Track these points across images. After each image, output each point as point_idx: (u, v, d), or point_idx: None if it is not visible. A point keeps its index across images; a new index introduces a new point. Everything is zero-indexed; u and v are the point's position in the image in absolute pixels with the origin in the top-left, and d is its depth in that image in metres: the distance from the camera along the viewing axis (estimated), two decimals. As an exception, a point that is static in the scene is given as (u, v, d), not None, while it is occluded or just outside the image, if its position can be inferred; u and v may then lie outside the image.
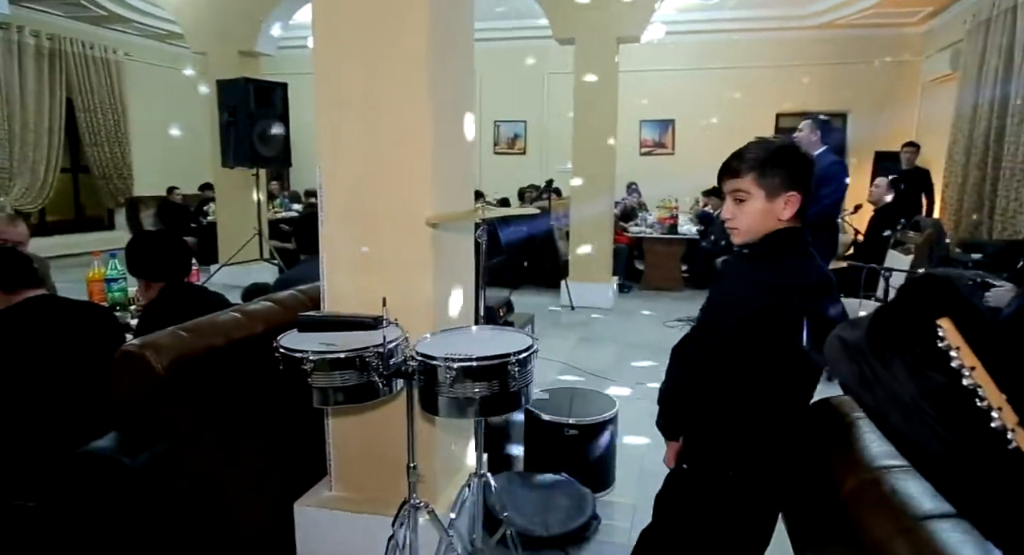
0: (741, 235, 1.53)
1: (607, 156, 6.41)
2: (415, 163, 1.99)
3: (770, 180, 1.47)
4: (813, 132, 4.07)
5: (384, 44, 1.97)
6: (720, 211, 6.37)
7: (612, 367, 4.66)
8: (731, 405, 1.49)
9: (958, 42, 7.75)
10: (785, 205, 1.48)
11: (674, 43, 9.58)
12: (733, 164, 1.52)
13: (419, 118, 1.98)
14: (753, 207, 1.49)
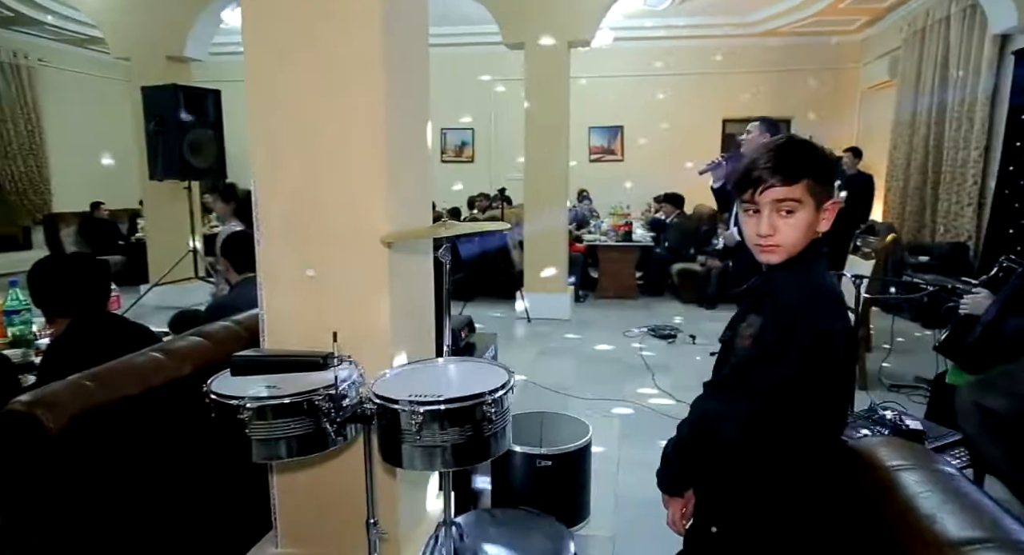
0: (781, 254, 1.28)
1: (560, 163, 6.26)
2: (368, 175, 1.75)
3: (823, 187, 1.26)
4: (763, 135, 3.98)
5: (331, 41, 1.72)
6: (672, 217, 6.26)
7: (575, 382, 4.47)
8: (778, 452, 1.29)
9: (895, 50, 7.95)
10: (824, 216, 1.28)
11: (621, 49, 9.57)
12: (782, 168, 1.24)
13: (372, 124, 1.73)
14: (802, 220, 1.25)
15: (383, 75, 1.71)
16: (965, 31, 6.39)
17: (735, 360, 1.30)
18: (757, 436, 1.29)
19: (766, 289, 1.32)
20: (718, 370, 1.45)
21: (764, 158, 1.27)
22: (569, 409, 3.94)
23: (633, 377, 4.59)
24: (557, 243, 6.37)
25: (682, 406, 4.00)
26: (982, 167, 6.03)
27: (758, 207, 1.28)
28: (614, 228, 7.58)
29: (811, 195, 1.24)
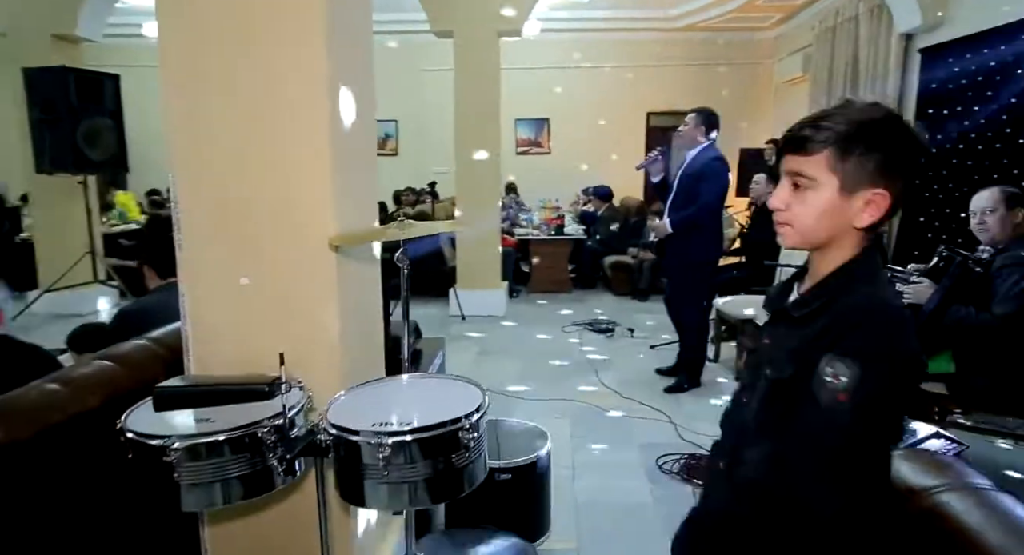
0: (792, 238, 1.07)
1: (491, 156, 6.08)
2: (311, 168, 1.52)
3: (853, 165, 1.00)
4: (699, 126, 3.95)
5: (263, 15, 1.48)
6: (602, 210, 6.20)
7: (519, 382, 4.33)
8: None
9: (808, 47, 8.22)
10: (865, 206, 1.02)
11: (547, 41, 9.47)
12: (802, 132, 1.04)
13: (314, 109, 1.50)
14: (817, 202, 1.03)
15: (325, 55, 1.48)
16: (873, 30, 6.65)
17: (826, 419, 0.95)
18: None
19: (843, 319, 0.99)
20: (770, 406, 1.09)
21: (805, 119, 1.08)
22: (516, 412, 3.79)
23: (576, 374, 4.49)
24: (491, 237, 6.21)
25: (629, 402, 3.95)
26: (894, 159, 6.30)
27: (782, 174, 1.09)
28: (546, 221, 7.49)
29: (833, 173, 1.01)
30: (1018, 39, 4.56)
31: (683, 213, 3.89)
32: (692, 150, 3.97)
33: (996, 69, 4.75)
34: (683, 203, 3.92)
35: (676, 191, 3.98)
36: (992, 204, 2.67)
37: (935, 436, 1.88)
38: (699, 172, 3.89)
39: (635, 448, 3.31)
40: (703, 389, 4.16)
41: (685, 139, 4.00)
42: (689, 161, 3.97)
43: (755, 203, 5.13)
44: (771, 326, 1.22)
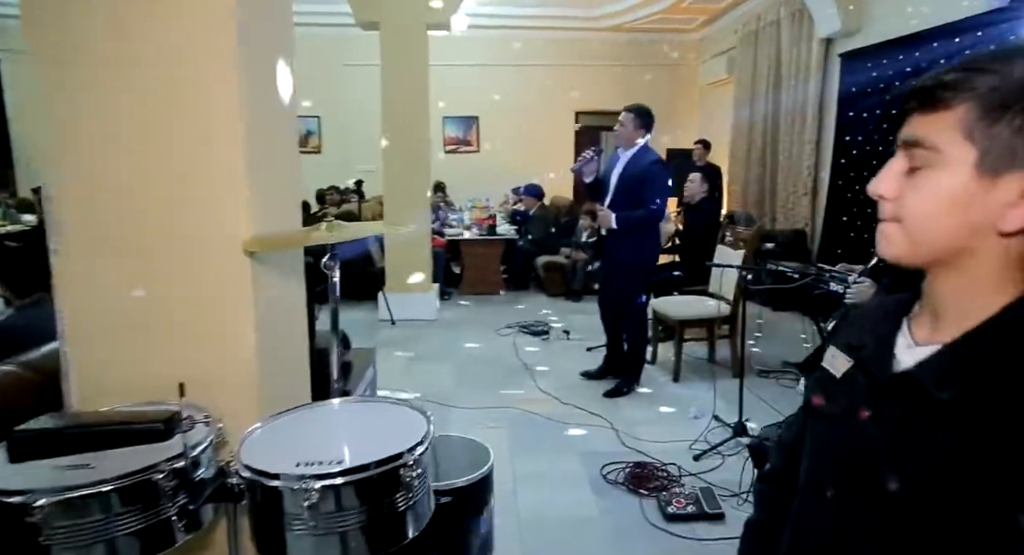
0: (896, 244, 0.70)
1: (420, 154, 5.86)
2: (220, 162, 1.29)
3: (1003, 131, 0.62)
4: (635, 126, 3.88)
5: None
6: (533, 210, 6.08)
7: (453, 390, 4.14)
8: None
9: (732, 49, 8.41)
10: (1021, 200, 0.62)
11: (475, 37, 9.29)
12: (940, 78, 0.65)
13: (225, 92, 1.27)
14: (940, 182, 0.65)
15: (234, 28, 1.26)
16: (794, 34, 6.84)
17: None
18: None
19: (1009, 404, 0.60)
20: (897, 536, 0.68)
21: (941, 69, 0.67)
22: (451, 421, 3.61)
23: (512, 379, 4.34)
24: (421, 238, 5.98)
25: (568, 409, 3.82)
26: (815, 159, 6.49)
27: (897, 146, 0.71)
28: (477, 222, 7.31)
29: (970, 141, 0.63)
30: (931, 46, 4.74)
31: (631, 214, 3.80)
32: (629, 151, 3.89)
33: (912, 74, 4.92)
34: (623, 204, 3.84)
35: (615, 192, 3.90)
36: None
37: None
38: (641, 175, 3.82)
39: (577, 457, 3.19)
40: (641, 392, 4.09)
41: (623, 139, 3.92)
42: (627, 162, 3.89)
43: (688, 202, 5.14)
44: (875, 394, 0.73)
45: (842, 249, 5.78)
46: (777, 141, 7.24)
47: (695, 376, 4.36)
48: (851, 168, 5.73)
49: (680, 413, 3.75)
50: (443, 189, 9.36)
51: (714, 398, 3.68)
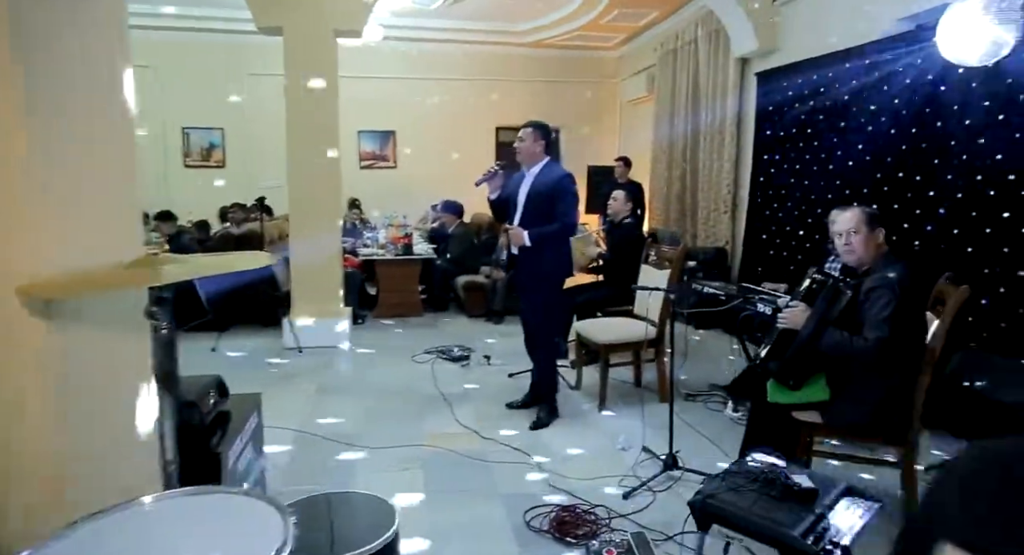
0: None
1: (329, 169, 5.47)
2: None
3: None
4: (537, 142, 3.71)
5: None
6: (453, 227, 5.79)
7: (363, 426, 3.76)
8: None
9: (651, 67, 8.45)
10: None
11: (391, 49, 8.99)
12: None
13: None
14: None
15: None
16: (712, 53, 6.90)
17: None
18: None
19: None
20: None
21: None
22: (358, 466, 3.24)
23: (429, 412, 4.01)
24: (331, 259, 5.57)
25: (489, 444, 3.52)
26: (734, 177, 6.52)
27: None
28: (393, 240, 6.95)
29: None
30: (843, 67, 4.79)
31: (544, 229, 3.62)
32: (535, 166, 3.72)
33: (825, 94, 4.98)
34: (534, 221, 3.64)
35: (524, 209, 3.70)
36: (855, 225, 2.59)
37: (846, 494, 1.66)
38: (552, 190, 3.65)
39: (499, 502, 2.89)
40: (567, 422, 3.85)
41: (526, 155, 3.73)
42: (535, 178, 3.71)
43: (613, 220, 4.98)
44: None
45: (762, 267, 5.78)
46: (697, 159, 7.27)
47: (622, 402, 4.16)
48: (770, 186, 5.76)
49: (608, 444, 3.53)
50: (358, 206, 8.94)
51: (643, 427, 3.48)
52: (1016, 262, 3.46)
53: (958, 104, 3.80)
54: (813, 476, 1.74)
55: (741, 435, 3.50)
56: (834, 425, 2.55)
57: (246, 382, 4.34)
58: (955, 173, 3.84)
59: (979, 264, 3.64)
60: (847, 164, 4.75)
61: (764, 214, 5.83)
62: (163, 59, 8.44)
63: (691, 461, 3.15)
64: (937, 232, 3.92)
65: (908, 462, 2.53)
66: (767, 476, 1.68)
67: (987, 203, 3.63)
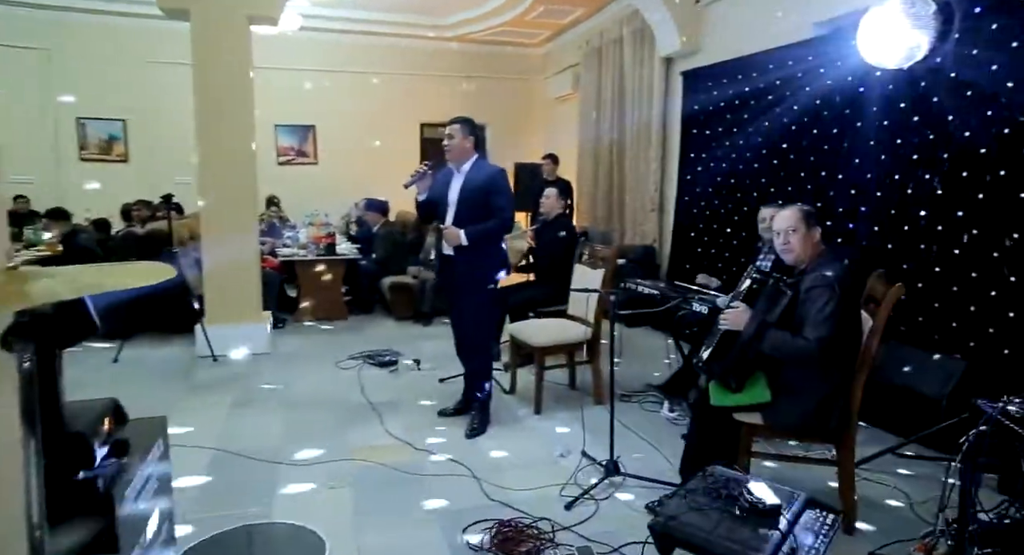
0: None
1: (244, 164, 5.11)
2: None
3: None
4: (467, 138, 3.57)
5: None
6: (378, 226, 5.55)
7: (285, 441, 3.50)
8: None
9: (576, 65, 8.43)
10: None
11: (311, 40, 8.61)
12: None
13: None
14: None
15: None
16: (637, 52, 6.93)
17: None
18: None
19: None
20: None
21: None
22: (280, 486, 2.99)
23: (356, 423, 3.79)
24: (247, 260, 5.22)
25: (421, 456, 3.33)
26: (660, 175, 6.57)
27: None
28: (314, 240, 6.62)
29: None
30: (767, 68, 4.88)
31: (482, 226, 3.48)
32: (465, 163, 3.57)
33: (749, 94, 5.05)
34: (469, 219, 3.49)
35: (459, 207, 3.54)
36: (793, 223, 2.58)
37: (807, 506, 1.60)
38: (487, 186, 3.51)
39: (435, 520, 2.72)
40: (503, 428, 3.71)
41: (456, 152, 3.57)
42: (468, 175, 3.56)
43: (545, 219, 4.89)
44: None
45: (690, 264, 5.84)
46: (624, 157, 7.29)
47: (558, 406, 4.06)
48: (697, 184, 5.82)
49: (546, 451, 3.42)
50: (276, 204, 8.51)
51: (583, 432, 3.39)
52: (931, 259, 3.59)
53: (876, 106, 3.92)
54: (773, 488, 1.68)
55: (679, 436, 3.51)
56: (776, 426, 2.53)
57: (153, 398, 4.02)
58: (875, 172, 3.95)
59: (898, 260, 3.75)
60: (772, 163, 4.84)
61: (692, 212, 5.89)
62: (60, 42, 7.75)
63: (632, 466, 3.09)
64: (859, 230, 4.03)
65: (846, 459, 2.54)
66: (728, 492, 1.60)
67: (904, 201, 3.75)
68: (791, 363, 2.46)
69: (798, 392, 2.48)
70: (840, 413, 2.47)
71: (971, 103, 3.36)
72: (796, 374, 2.49)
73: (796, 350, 2.38)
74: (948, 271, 3.50)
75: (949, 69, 3.44)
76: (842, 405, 2.47)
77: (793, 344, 2.39)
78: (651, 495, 2.85)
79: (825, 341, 2.34)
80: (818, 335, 2.35)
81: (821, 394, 2.45)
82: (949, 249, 3.49)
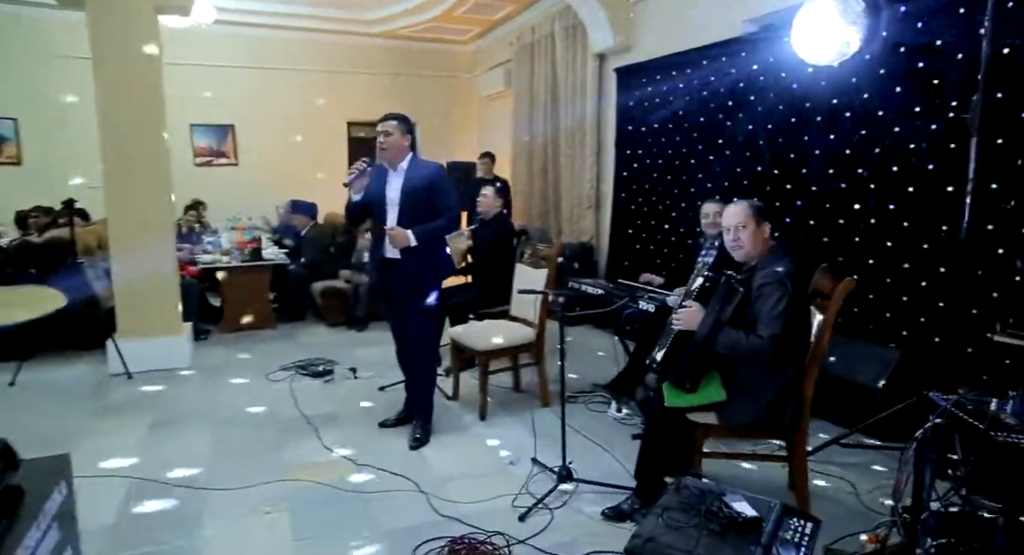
0: None
1: (156, 166, 4.74)
2: None
3: None
4: (404, 135, 3.39)
5: None
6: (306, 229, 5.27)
7: (212, 465, 3.23)
8: None
9: (508, 62, 8.33)
10: None
11: (229, 35, 8.18)
12: None
13: None
14: None
15: None
16: (569, 48, 6.88)
17: None
18: None
19: None
20: None
21: None
22: (209, 510, 2.74)
23: (291, 439, 3.54)
24: (163, 269, 4.84)
25: (364, 471, 3.14)
26: (596, 172, 6.55)
27: None
28: (238, 246, 6.25)
29: None
30: (700, 63, 4.91)
31: (429, 225, 3.31)
32: (402, 162, 3.39)
33: (683, 90, 5.07)
34: (415, 219, 3.31)
35: (402, 208, 3.36)
36: (743, 220, 2.55)
37: (784, 515, 1.53)
38: (430, 184, 3.34)
39: (383, 540, 2.55)
40: (448, 437, 3.55)
41: (394, 150, 3.38)
42: (406, 174, 3.38)
43: (483, 218, 4.75)
44: None
45: (629, 261, 5.84)
46: (559, 154, 7.24)
47: (503, 411, 3.94)
48: (633, 181, 5.82)
49: (494, 459, 3.29)
50: (198, 208, 8.01)
51: (533, 437, 3.28)
52: (866, 251, 3.67)
53: (810, 102, 3.98)
54: (749, 499, 1.60)
55: (629, 436, 3.45)
56: (731, 424, 2.49)
57: (58, 425, 3.65)
58: (809, 168, 4.02)
59: (834, 253, 3.83)
60: (708, 159, 4.87)
61: (629, 209, 5.88)
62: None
63: (584, 470, 2.99)
64: (795, 224, 4.10)
65: (799, 454, 2.53)
66: (706, 507, 1.52)
67: (839, 196, 3.83)
68: (745, 361, 2.42)
69: (752, 390, 2.44)
70: (794, 408, 2.45)
71: (900, 99, 3.45)
72: (750, 372, 2.45)
73: (751, 348, 2.34)
74: (882, 263, 3.58)
75: (879, 65, 3.52)
76: (795, 400, 2.45)
77: (747, 343, 2.35)
78: (606, 500, 2.77)
79: (779, 338, 2.31)
80: (772, 332, 2.32)
81: (775, 391, 2.43)
82: (882, 241, 3.58)
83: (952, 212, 3.14)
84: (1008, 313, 2.94)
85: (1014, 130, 2.92)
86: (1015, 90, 2.91)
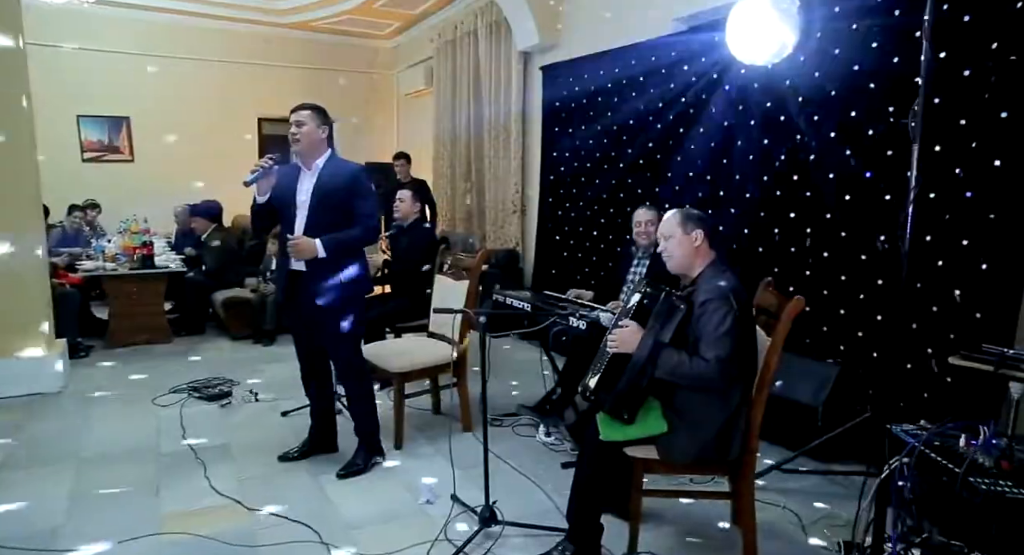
0: None
1: (19, 160, 4.12)
2: None
3: None
4: (319, 127, 2.97)
5: None
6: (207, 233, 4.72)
7: (73, 513, 2.71)
8: None
9: (429, 59, 7.96)
10: None
11: (124, 19, 7.45)
12: None
13: None
14: None
15: None
16: (493, 46, 6.59)
17: None
18: None
19: None
20: None
21: None
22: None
23: (172, 480, 3.06)
24: (28, 276, 4.21)
25: (257, 518, 2.71)
26: (522, 175, 6.28)
27: None
28: (127, 251, 5.60)
29: None
30: (629, 62, 4.70)
31: (342, 234, 2.91)
32: (318, 159, 2.99)
33: (612, 90, 4.86)
34: (326, 226, 2.91)
35: (311, 212, 2.94)
36: (669, 229, 2.30)
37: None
38: (347, 187, 2.95)
39: (271, 609, 2.14)
40: (363, 471, 3.16)
41: (308, 143, 2.97)
42: (320, 173, 2.98)
43: (401, 225, 4.37)
44: None
45: (556, 269, 5.58)
46: (483, 156, 6.93)
47: (421, 436, 3.58)
48: (560, 185, 5.57)
49: (409, 497, 2.91)
50: (84, 208, 7.20)
51: (452, 469, 2.92)
52: (802, 262, 3.52)
53: (742, 104, 3.82)
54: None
55: (559, 466, 3.16)
56: (673, 459, 2.22)
57: None
58: (743, 173, 3.86)
59: (769, 264, 3.67)
60: (638, 163, 4.67)
61: (556, 214, 5.63)
62: None
63: (510, 508, 2.66)
64: (730, 232, 3.92)
65: (746, 491, 2.29)
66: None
67: (774, 204, 3.67)
68: (688, 387, 2.17)
69: (696, 420, 2.18)
70: (741, 439, 2.21)
71: (835, 103, 3.31)
72: (693, 399, 2.19)
73: (694, 373, 2.08)
74: (818, 275, 3.44)
75: (813, 68, 3.38)
76: (742, 431, 2.21)
77: (691, 366, 2.09)
78: (537, 545, 2.45)
79: (725, 361, 2.06)
80: (716, 354, 2.06)
81: (721, 420, 2.17)
82: (819, 252, 3.44)
83: (890, 222, 3.00)
84: (947, 329, 2.83)
85: (952, 137, 2.80)
86: (953, 96, 2.80)
